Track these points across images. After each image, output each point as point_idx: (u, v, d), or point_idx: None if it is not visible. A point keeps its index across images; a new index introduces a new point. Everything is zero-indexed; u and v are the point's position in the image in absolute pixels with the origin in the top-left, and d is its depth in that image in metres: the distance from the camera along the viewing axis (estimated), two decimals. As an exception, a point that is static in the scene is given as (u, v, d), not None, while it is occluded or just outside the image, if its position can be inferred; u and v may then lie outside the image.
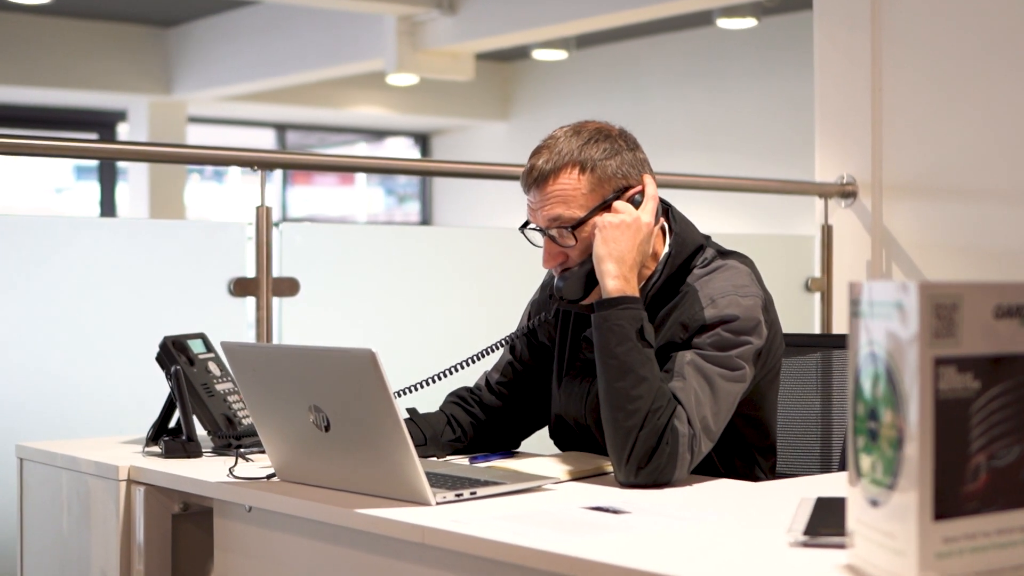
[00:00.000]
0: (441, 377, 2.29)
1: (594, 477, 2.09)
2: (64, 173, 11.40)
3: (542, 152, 2.16)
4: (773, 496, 1.92)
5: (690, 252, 2.19)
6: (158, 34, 9.84)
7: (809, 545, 1.51)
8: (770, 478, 2.25)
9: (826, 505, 1.67)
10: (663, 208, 2.21)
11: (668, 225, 2.23)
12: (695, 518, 1.74)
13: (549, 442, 2.38)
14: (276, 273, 3.06)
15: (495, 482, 1.92)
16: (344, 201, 12.95)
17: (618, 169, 2.15)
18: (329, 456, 1.95)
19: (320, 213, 12.54)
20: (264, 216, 3.01)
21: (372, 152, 12.57)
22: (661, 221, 2.21)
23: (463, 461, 2.26)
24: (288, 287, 3.09)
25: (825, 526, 1.54)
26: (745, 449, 2.22)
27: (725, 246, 2.26)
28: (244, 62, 9.36)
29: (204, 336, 2.50)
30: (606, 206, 2.14)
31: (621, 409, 1.99)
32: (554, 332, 2.33)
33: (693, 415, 2.01)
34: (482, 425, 2.37)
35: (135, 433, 2.56)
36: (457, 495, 1.85)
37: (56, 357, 2.90)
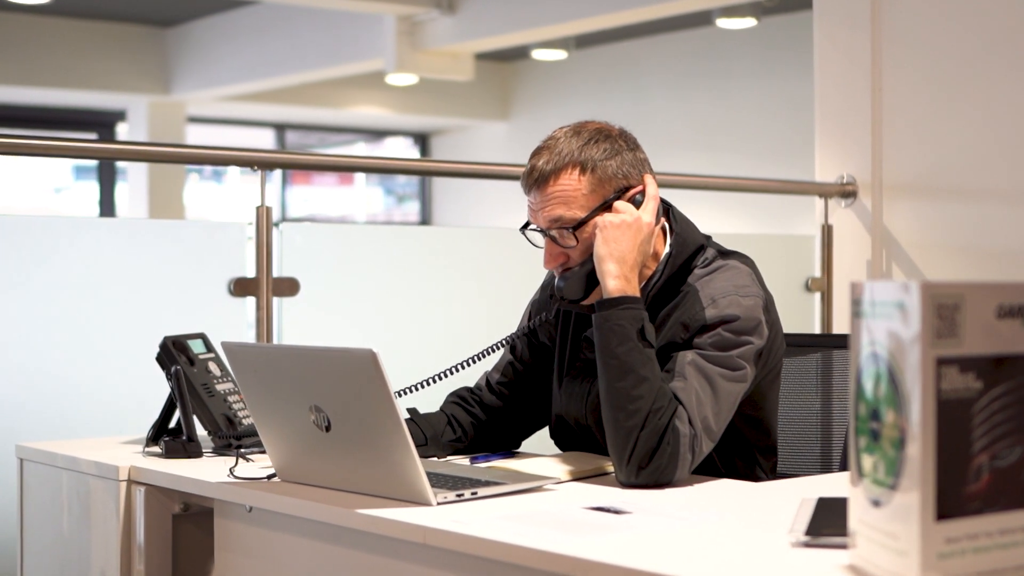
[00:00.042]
0: (441, 377, 2.28)
1: (595, 477, 2.08)
2: (63, 173, 11.39)
3: (542, 153, 2.16)
4: (774, 496, 1.92)
5: (691, 252, 2.19)
6: (157, 34, 9.84)
7: (811, 545, 1.51)
8: (771, 478, 2.25)
9: (828, 505, 1.67)
10: (664, 208, 2.21)
11: (669, 225, 2.22)
12: (696, 518, 1.74)
13: (549, 442, 2.38)
14: (276, 273, 3.06)
15: (496, 482, 1.92)
16: (343, 201, 12.95)
17: (619, 169, 2.15)
18: (330, 456, 1.95)
19: (319, 213, 12.54)
20: (264, 216, 3.01)
21: (371, 152, 12.57)
22: (662, 221, 2.20)
23: (464, 461, 2.26)
24: (288, 287, 3.08)
25: (827, 526, 1.54)
26: (746, 449, 2.22)
27: (726, 246, 2.26)
28: (243, 62, 9.36)
29: (204, 336, 2.50)
30: (607, 206, 2.13)
31: (622, 409, 1.98)
32: (555, 332, 2.33)
33: (694, 415, 2.01)
34: (483, 425, 2.37)
35: (135, 433, 2.56)
36: (458, 495, 1.85)
37: (56, 357, 2.90)
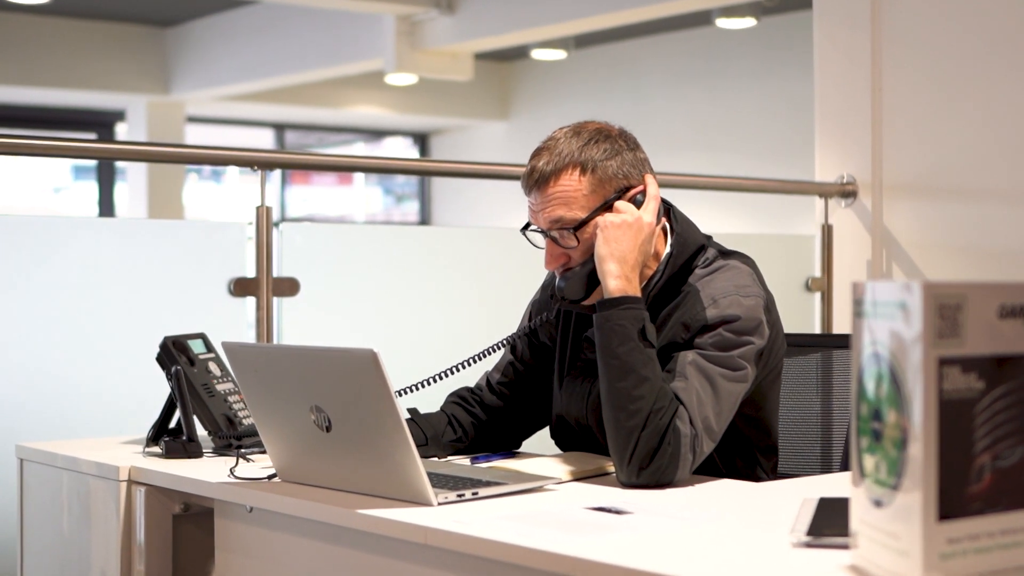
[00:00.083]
0: (441, 377, 2.28)
1: (596, 477, 2.08)
2: (62, 173, 11.39)
3: (542, 154, 2.16)
4: (775, 496, 1.92)
5: (692, 252, 2.19)
6: (157, 34, 9.83)
7: (812, 546, 1.51)
8: (772, 478, 2.25)
9: (829, 505, 1.67)
10: (664, 208, 2.21)
11: (670, 225, 2.22)
12: (697, 518, 1.73)
13: (550, 442, 2.38)
14: (276, 273, 3.06)
15: (497, 482, 1.91)
16: (342, 201, 12.95)
17: (619, 169, 2.15)
18: (330, 456, 1.95)
19: (318, 213, 12.54)
20: (264, 216, 3.00)
21: (371, 152, 12.57)
22: (663, 221, 2.20)
23: (464, 461, 2.26)
24: (288, 287, 3.08)
25: (828, 527, 1.54)
26: (747, 449, 2.22)
27: (726, 246, 2.26)
28: (243, 62, 9.35)
29: (204, 336, 2.50)
30: (607, 206, 2.13)
31: (623, 409, 1.98)
32: (555, 332, 2.33)
33: (695, 415, 2.01)
34: (483, 425, 2.37)
35: (135, 433, 2.56)
36: (459, 495, 1.85)
37: (56, 357, 2.90)
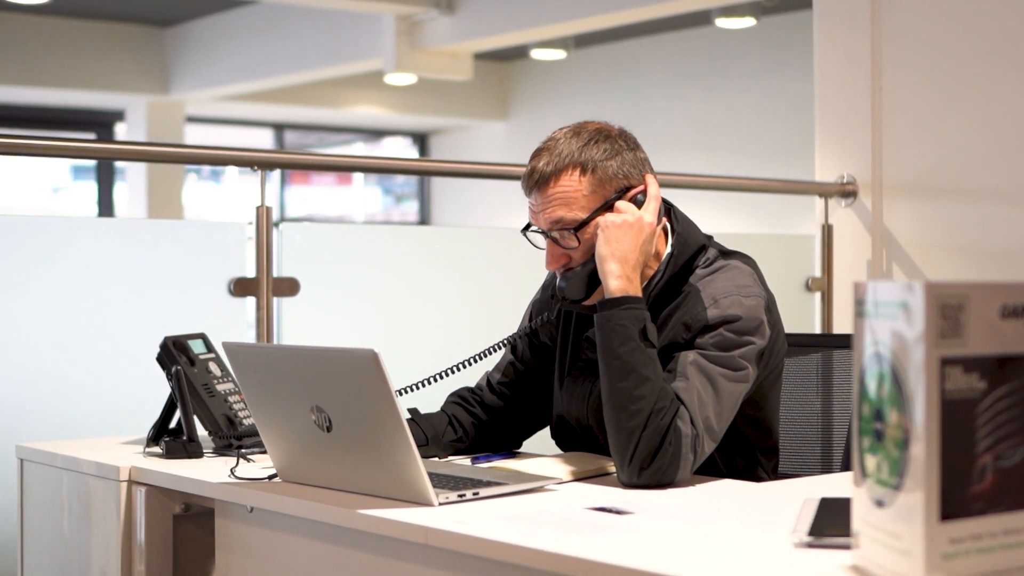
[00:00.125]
0: (441, 377, 2.28)
1: (597, 477, 2.08)
2: (62, 173, 11.39)
3: (542, 154, 2.16)
4: (776, 496, 1.92)
5: (692, 252, 2.19)
6: (156, 34, 9.83)
7: (814, 546, 1.51)
8: (772, 478, 2.25)
9: (830, 506, 1.67)
10: (665, 208, 2.21)
11: (670, 225, 2.22)
12: (698, 519, 1.73)
13: (551, 442, 2.37)
14: (276, 273, 3.06)
15: (497, 482, 1.91)
16: (341, 201, 12.95)
17: (619, 169, 2.15)
18: (331, 456, 1.95)
19: (317, 213, 12.54)
20: (264, 216, 3.00)
21: (370, 152, 12.57)
22: (663, 221, 2.20)
23: (465, 461, 2.26)
24: (288, 287, 3.08)
25: (830, 527, 1.54)
26: (747, 449, 2.22)
27: (726, 246, 2.26)
28: (242, 62, 9.35)
29: (205, 336, 2.49)
30: (608, 207, 2.13)
31: (624, 409, 1.98)
32: (556, 332, 2.33)
33: (696, 415, 2.01)
34: (484, 425, 2.37)
35: (136, 433, 2.56)
36: (460, 495, 1.85)
37: (56, 357, 2.90)
